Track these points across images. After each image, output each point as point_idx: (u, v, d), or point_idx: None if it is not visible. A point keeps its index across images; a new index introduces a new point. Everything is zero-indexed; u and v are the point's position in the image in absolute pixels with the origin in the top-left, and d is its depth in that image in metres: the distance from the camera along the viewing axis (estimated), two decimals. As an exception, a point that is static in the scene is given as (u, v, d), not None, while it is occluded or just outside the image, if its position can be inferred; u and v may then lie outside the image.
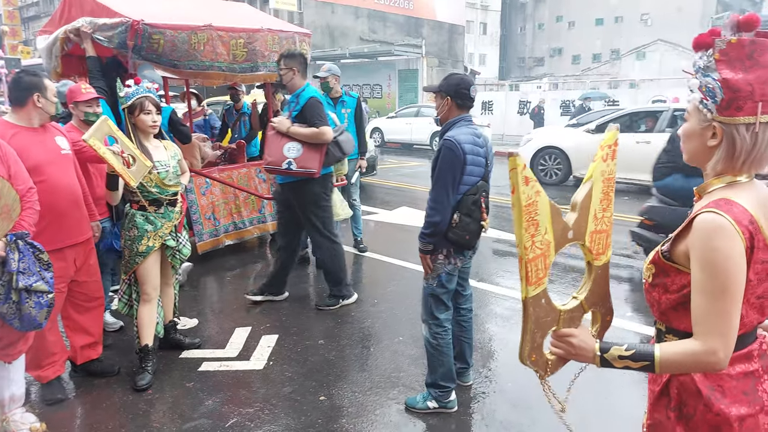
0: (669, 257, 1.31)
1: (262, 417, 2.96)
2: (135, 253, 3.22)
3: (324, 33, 25.76)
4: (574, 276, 5.20)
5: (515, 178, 1.26)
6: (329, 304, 4.43)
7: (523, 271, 1.32)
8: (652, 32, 40.87)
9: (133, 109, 3.20)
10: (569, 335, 1.37)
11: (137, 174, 3.03)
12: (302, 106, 4.05)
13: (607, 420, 2.96)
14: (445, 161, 2.73)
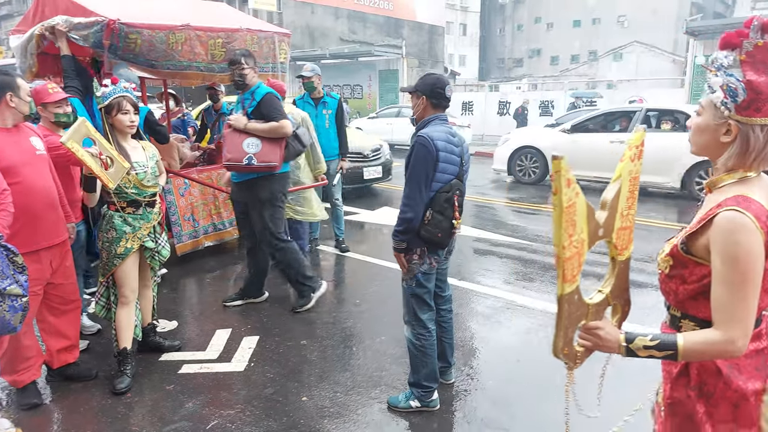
0: (687, 250, 1.36)
1: (244, 419, 2.94)
2: (113, 255, 3.17)
3: (304, 33, 25.67)
4: (553, 274, 5.25)
5: (559, 181, 1.28)
6: (303, 304, 4.36)
7: (561, 270, 1.35)
8: (629, 34, 41.56)
9: (111, 109, 3.16)
10: (597, 327, 1.42)
11: (115, 176, 2.99)
12: (258, 101, 4.02)
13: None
14: (417, 158, 2.75)
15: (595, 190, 9.95)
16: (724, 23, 20.71)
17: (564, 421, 1.66)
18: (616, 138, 9.34)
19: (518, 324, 4.15)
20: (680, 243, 1.38)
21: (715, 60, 1.33)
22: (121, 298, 3.27)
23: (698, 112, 1.40)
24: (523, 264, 5.63)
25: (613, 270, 1.59)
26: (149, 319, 3.62)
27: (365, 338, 3.94)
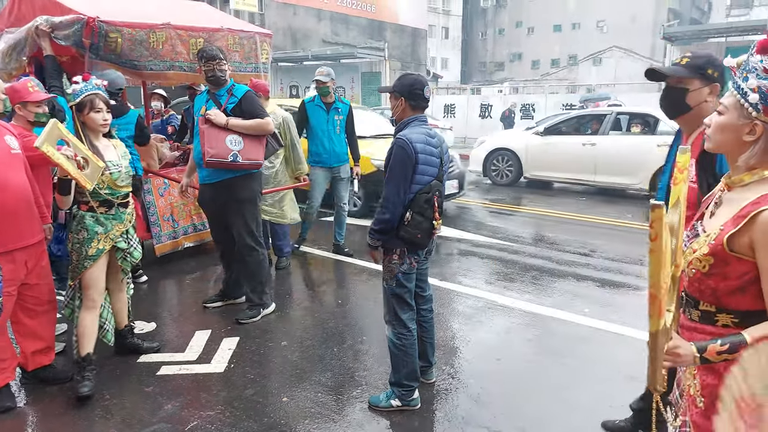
0: (731, 248, 1.40)
1: (223, 420, 2.91)
2: (84, 257, 3.09)
3: (286, 35, 25.56)
4: (534, 274, 5.31)
5: (659, 227, 1.29)
6: (251, 316, 4.15)
7: (656, 308, 1.36)
8: (608, 39, 42.14)
9: (83, 107, 3.07)
10: (675, 347, 1.43)
11: (92, 176, 2.93)
12: (240, 98, 3.93)
13: (568, 415, 3.03)
14: (396, 159, 2.76)
15: (579, 193, 10.09)
16: (700, 29, 21.17)
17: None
18: (587, 140, 9.55)
19: (499, 323, 4.18)
20: (725, 241, 1.41)
21: (747, 63, 1.37)
22: (88, 301, 3.16)
23: (720, 111, 1.44)
24: (504, 264, 5.68)
25: (674, 287, 1.61)
26: (125, 321, 3.54)
27: (347, 338, 3.94)
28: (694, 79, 2.18)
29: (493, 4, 52.07)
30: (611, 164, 9.16)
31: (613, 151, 9.19)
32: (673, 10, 42.53)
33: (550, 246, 6.39)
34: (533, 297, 4.71)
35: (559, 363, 3.56)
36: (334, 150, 5.56)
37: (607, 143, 9.36)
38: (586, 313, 4.33)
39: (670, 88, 2.26)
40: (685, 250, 1.54)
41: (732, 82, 1.42)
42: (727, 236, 1.39)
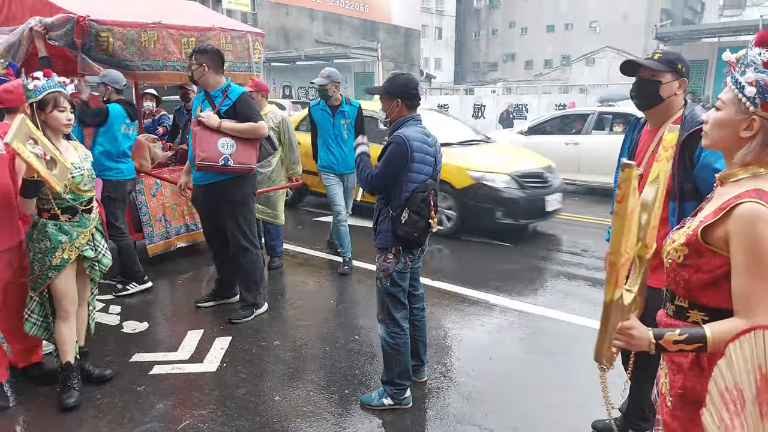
0: (705, 240, 1.39)
1: (215, 419, 2.92)
2: (47, 268, 2.88)
3: (279, 34, 25.53)
4: (525, 274, 5.33)
5: (627, 189, 1.29)
6: (244, 316, 4.15)
7: (614, 276, 1.36)
8: (601, 39, 42.29)
9: (45, 105, 2.84)
10: (630, 327, 1.43)
11: (60, 177, 2.75)
12: (234, 101, 3.87)
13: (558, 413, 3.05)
14: (390, 156, 2.79)
15: (570, 193, 10.13)
16: (693, 29, 21.34)
17: (608, 417, 1.72)
18: (570, 140, 9.66)
19: (491, 323, 4.20)
20: (699, 232, 1.40)
21: (746, 57, 1.36)
22: (62, 312, 2.99)
23: (718, 107, 1.43)
24: (497, 264, 5.70)
25: (640, 268, 1.61)
26: (80, 342, 3.21)
27: (339, 338, 3.95)
28: (667, 73, 2.29)
29: (487, 5, 52.14)
30: (594, 163, 9.23)
31: (595, 150, 9.27)
32: (666, 10, 42.78)
33: (542, 245, 6.42)
34: (525, 296, 4.73)
35: (550, 362, 3.58)
36: (343, 156, 5.22)
37: (590, 142, 9.48)
38: (576, 312, 4.36)
39: (644, 81, 2.35)
40: (667, 240, 1.53)
41: (730, 78, 1.41)
42: (703, 227, 1.39)
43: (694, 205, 2.26)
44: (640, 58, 2.41)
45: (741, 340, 1.22)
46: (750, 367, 1.18)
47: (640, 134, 2.51)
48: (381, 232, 2.94)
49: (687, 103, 2.36)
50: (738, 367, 1.20)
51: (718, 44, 19.36)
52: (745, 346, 1.20)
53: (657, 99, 2.32)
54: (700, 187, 2.22)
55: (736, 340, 1.26)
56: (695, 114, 2.26)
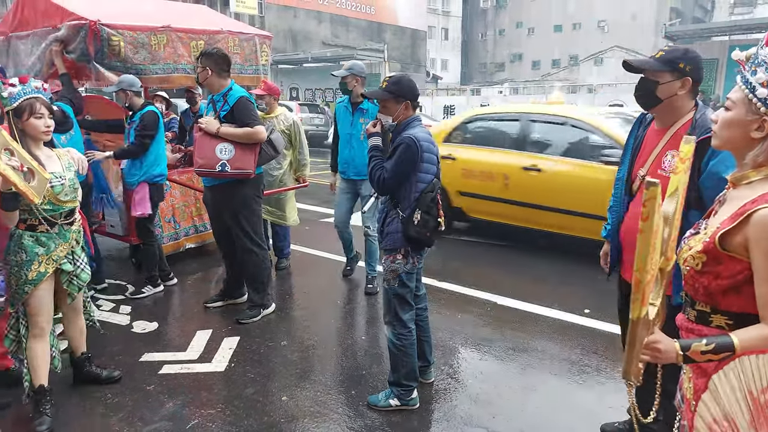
0: (723, 246, 1.36)
1: (224, 418, 2.95)
2: (23, 282, 2.75)
3: (286, 37, 25.64)
4: (534, 275, 5.32)
5: (652, 207, 1.27)
6: (252, 316, 4.18)
7: (640, 294, 1.33)
8: (609, 38, 42.12)
9: (21, 112, 2.71)
10: (656, 341, 1.41)
11: (39, 189, 2.60)
12: (232, 106, 3.88)
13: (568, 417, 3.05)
14: (403, 157, 2.81)
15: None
16: (703, 27, 21.20)
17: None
18: None
19: (499, 324, 4.21)
20: (717, 239, 1.37)
21: (757, 56, 1.33)
22: (35, 329, 2.84)
23: (728, 107, 1.40)
24: (506, 266, 5.70)
25: (662, 281, 1.58)
26: (82, 348, 3.21)
27: (346, 338, 3.97)
28: (665, 73, 2.23)
29: (493, 5, 52.09)
30: None
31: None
32: (676, 9, 42.52)
33: (551, 246, 6.41)
34: (535, 298, 4.73)
35: (558, 364, 3.58)
36: (353, 159, 4.67)
37: None
38: (586, 314, 4.35)
39: (643, 81, 2.31)
40: (683, 247, 1.50)
41: (740, 77, 1.38)
42: (720, 234, 1.36)
43: (698, 214, 2.24)
44: (639, 58, 2.37)
45: (725, 369, 1.21)
46: (740, 395, 1.18)
47: (646, 131, 2.47)
48: (389, 234, 2.94)
49: (699, 106, 2.29)
50: (726, 397, 1.19)
51: (728, 42, 19.22)
52: (731, 375, 1.20)
53: (654, 99, 2.27)
54: (703, 196, 2.18)
55: (720, 371, 1.26)
56: (706, 119, 2.19)
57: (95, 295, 4.64)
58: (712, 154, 2.15)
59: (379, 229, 3.04)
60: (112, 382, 3.27)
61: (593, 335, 3.96)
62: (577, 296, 4.77)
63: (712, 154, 2.15)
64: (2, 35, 5.28)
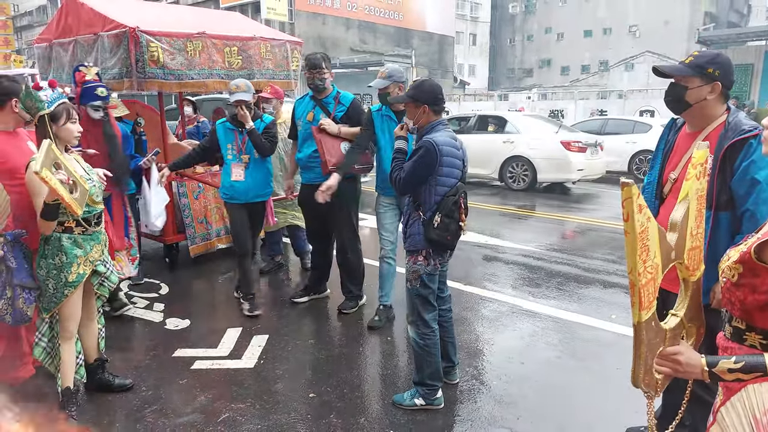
0: (760, 258, 1.30)
1: (253, 412, 3.03)
2: (63, 284, 2.74)
3: (315, 43, 25.93)
4: (559, 281, 5.31)
5: (630, 207, 1.26)
6: (352, 306, 4.48)
7: (637, 297, 1.32)
8: (640, 44, 41.40)
9: (58, 117, 2.73)
10: (676, 353, 1.37)
11: (81, 201, 2.65)
12: (347, 107, 4.20)
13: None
14: (420, 161, 2.84)
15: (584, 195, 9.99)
16: (737, 32, 20.72)
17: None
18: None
19: (523, 328, 4.21)
20: (753, 250, 1.31)
21: None
22: (65, 333, 2.85)
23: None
24: (529, 270, 5.69)
25: (686, 292, 1.55)
26: (95, 355, 3.17)
27: (374, 338, 4.03)
28: (694, 78, 2.23)
29: (522, 11, 51.73)
30: (472, 159, 9.43)
31: (472, 147, 9.40)
32: (710, 13, 41.62)
33: (575, 251, 6.37)
34: (558, 302, 4.72)
35: (583, 368, 3.58)
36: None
37: (468, 140, 10.09)
38: (613, 320, 4.32)
39: (673, 86, 2.32)
40: (723, 258, 1.46)
41: None
42: (757, 245, 1.30)
43: (728, 216, 2.25)
44: (668, 64, 2.39)
45: (732, 401, 1.20)
46: (745, 421, 1.18)
47: (677, 136, 2.48)
48: (411, 235, 2.98)
49: (731, 110, 2.29)
50: (733, 426, 1.19)
51: (764, 47, 18.75)
52: (737, 406, 1.19)
53: (684, 104, 2.29)
54: (735, 198, 2.19)
55: (728, 402, 1.24)
56: (739, 122, 2.20)
57: (130, 292, 4.80)
58: (744, 156, 2.16)
59: (403, 229, 3.09)
60: (124, 390, 3.23)
61: (619, 340, 3.94)
62: (604, 302, 4.74)
63: (744, 156, 2.16)
64: (46, 41, 5.52)
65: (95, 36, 4.75)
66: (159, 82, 4.62)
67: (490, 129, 11.18)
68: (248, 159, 4.24)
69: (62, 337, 2.86)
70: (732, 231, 2.21)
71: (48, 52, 5.50)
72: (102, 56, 4.67)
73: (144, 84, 4.53)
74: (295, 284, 5.26)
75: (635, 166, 12.17)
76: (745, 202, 2.16)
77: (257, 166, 4.29)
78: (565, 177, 10.39)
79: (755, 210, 2.11)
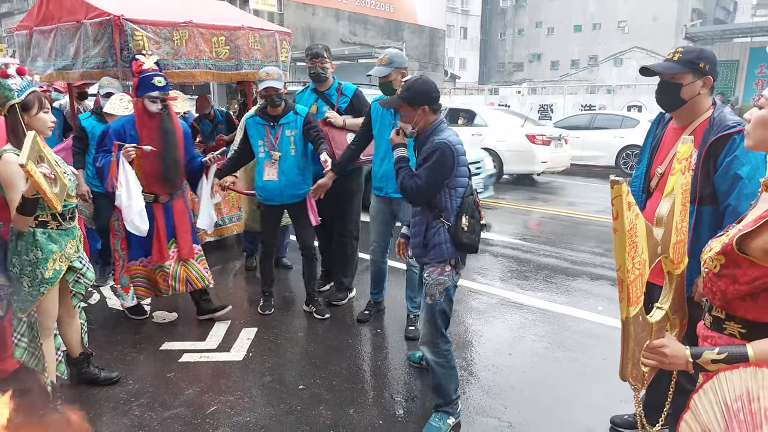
0: (742, 249, 1.31)
1: (242, 404, 3.02)
2: (39, 281, 2.65)
3: (305, 34, 25.74)
4: (546, 273, 5.34)
5: (619, 204, 1.26)
6: (341, 298, 4.46)
7: (625, 294, 1.33)
8: (629, 39, 41.65)
9: (30, 106, 2.61)
10: (662, 346, 1.38)
11: (61, 196, 2.57)
12: (351, 97, 4.19)
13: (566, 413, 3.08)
14: (438, 164, 2.60)
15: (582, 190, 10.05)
16: (724, 29, 20.87)
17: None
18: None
19: (511, 319, 4.23)
20: (735, 241, 1.31)
21: None
22: (45, 330, 2.79)
23: (761, 105, 1.34)
24: (517, 263, 5.71)
25: (671, 285, 1.57)
26: (79, 350, 3.11)
27: (363, 330, 4.02)
28: (687, 74, 2.24)
29: (513, 5, 51.76)
30: None
31: None
32: (697, 10, 41.93)
33: (564, 245, 6.40)
34: (546, 294, 4.74)
35: (570, 359, 3.60)
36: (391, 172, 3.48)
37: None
38: (599, 311, 4.35)
39: (665, 84, 2.31)
40: (705, 248, 1.47)
41: None
42: (739, 236, 1.31)
43: (711, 210, 2.27)
44: (659, 62, 2.37)
45: (705, 388, 1.22)
46: (717, 408, 1.19)
47: (664, 131, 2.50)
48: (436, 246, 2.68)
49: (717, 105, 2.31)
50: (705, 413, 1.20)
51: (750, 44, 18.91)
52: (710, 393, 1.20)
53: (679, 101, 2.28)
54: (717, 193, 2.21)
55: (700, 390, 1.26)
56: (724, 117, 2.22)
57: (114, 285, 4.75)
58: (728, 151, 2.18)
59: (420, 242, 2.74)
60: (111, 383, 3.19)
61: (606, 332, 3.97)
62: (591, 294, 4.78)
63: (728, 151, 2.18)
64: (26, 29, 5.41)
65: (78, 24, 4.67)
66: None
67: (460, 122, 11.36)
68: (279, 156, 3.89)
69: (43, 335, 2.80)
70: (714, 225, 2.23)
71: (29, 40, 5.40)
72: (85, 45, 4.59)
73: (128, 74, 4.46)
74: (291, 280, 5.23)
75: (622, 161, 12.26)
76: (728, 197, 2.18)
77: (291, 163, 3.90)
78: (530, 169, 10.63)
79: (737, 205, 2.13)
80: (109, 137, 3.58)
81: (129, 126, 3.62)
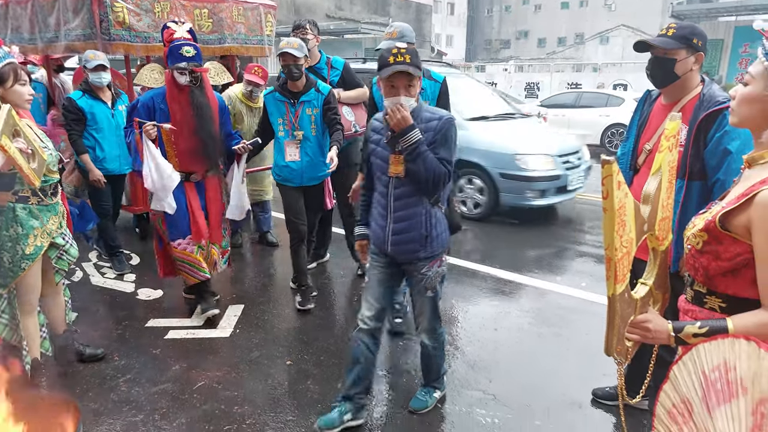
0: (724, 226, 1.31)
1: (229, 380, 3.03)
2: (20, 257, 2.60)
3: (289, 9, 25.27)
4: (531, 250, 5.39)
5: (610, 184, 1.26)
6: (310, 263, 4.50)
7: (612, 271, 1.34)
8: (616, 18, 41.61)
9: (5, 79, 2.50)
10: (645, 321, 1.40)
11: (39, 171, 2.51)
12: (341, 70, 4.15)
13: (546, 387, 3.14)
14: (454, 137, 2.42)
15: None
16: (709, 7, 20.87)
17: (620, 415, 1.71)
18: None
19: (497, 296, 4.28)
20: (718, 219, 1.32)
21: None
22: (26, 306, 2.76)
23: (746, 81, 1.33)
24: (503, 240, 5.75)
25: (655, 261, 1.59)
26: (63, 327, 3.09)
27: (349, 305, 4.05)
28: (681, 49, 2.25)
29: (500, -19, 51.30)
30: None
31: None
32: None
33: (548, 221, 6.46)
34: (531, 271, 4.79)
35: (554, 333, 3.66)
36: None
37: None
38: (583, 287, 4.41)
39: (658, 59, 2.31)
40: (688, 225, 1.48)
41: (761, 48, 1.30)
42: (722, 213, 1.32)
43: (699, 185, 2.30)
44: (653, 37, 2.37)
45: (684, 359, 1.24)
46: (695, 378, 1.21)
47: (651, 107, 2.50)
48: (438, 235, 2.50)
49: (705, 81, 2.32)
50: (684, 383, 1.23)
51: (734, 23, 18.99)
52: (689, 364, 1.23)
53: (672, 77, 2.29)
54: (707, 168, 2.23)
55: (679, 361, 1.28)
56: (714, 93, 2.23)
57: (99, 263, 4.71)
58: (718, 127, 2.19)
59: (420, 236, 2.46)
60: (96, 360, 3.18)
61: (589, 307, 4.03)
62: (575, 270, 4.84)
63: (718, 127, 2.19)
64: (2, 1, 5.25)
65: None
66: (125, 44, 4.45)
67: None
68: (302, 135, 3.69)
69: (23, 311, 2.76)
70: (703, 200, 2.26)
71: (5, 11, 5.24)
72: (64, 17, 4.47)
73: (109, 47, 4.36)
74: (277, 258, 5.22)
75: (607, 140, 12.33)
76: (717, 172, 2.20)
77: (314, 143, 3.73)
78: None
79: (726, 180, 2.15)
80: (137, 111, 3.37)
81: (159, 99, 3.38)
